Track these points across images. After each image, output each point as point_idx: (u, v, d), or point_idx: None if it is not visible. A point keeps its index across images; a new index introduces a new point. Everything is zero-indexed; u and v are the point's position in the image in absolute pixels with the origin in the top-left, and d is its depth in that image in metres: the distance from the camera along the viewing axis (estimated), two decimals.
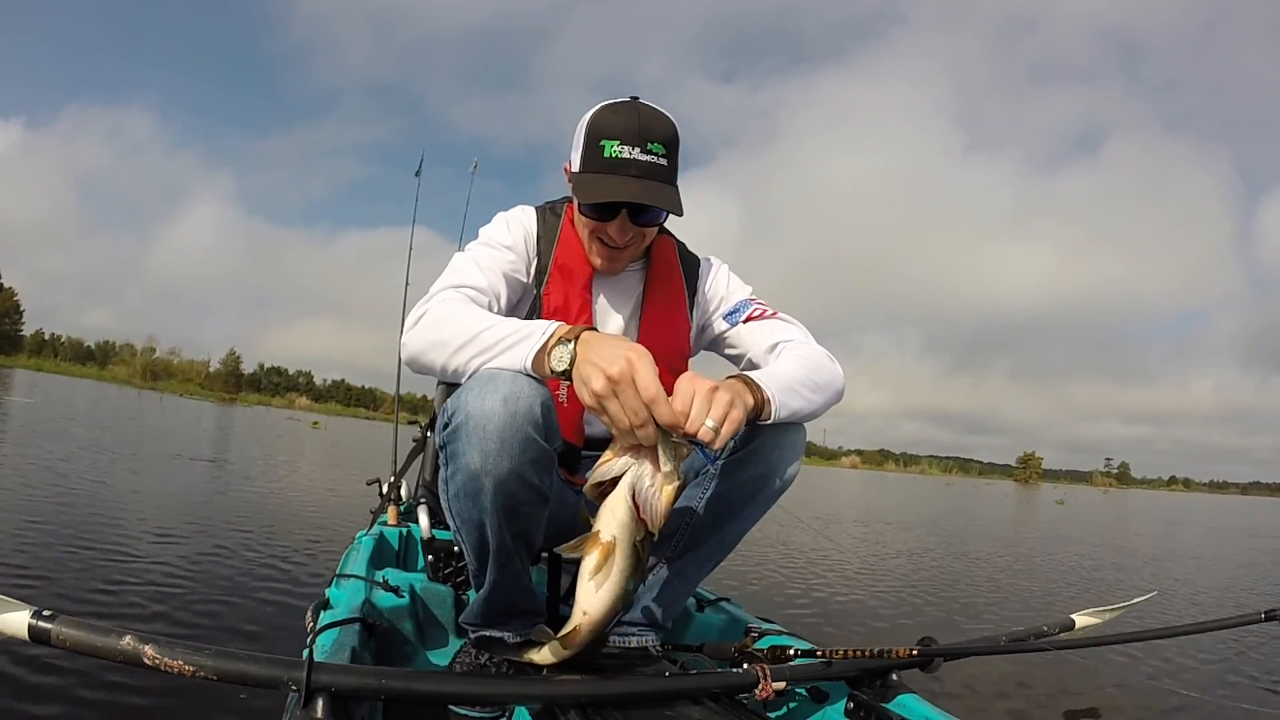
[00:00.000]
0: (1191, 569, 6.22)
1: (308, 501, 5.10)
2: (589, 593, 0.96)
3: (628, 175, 1.16)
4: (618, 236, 1.22)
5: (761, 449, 1.18)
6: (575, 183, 1.21)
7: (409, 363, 1.11)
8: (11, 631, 0.77)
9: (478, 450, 0.96)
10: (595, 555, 0.94)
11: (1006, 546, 6.95)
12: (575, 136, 1.23)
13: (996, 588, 4.28)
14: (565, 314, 1.26)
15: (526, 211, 1.34)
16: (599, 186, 1.16)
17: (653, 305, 1.34)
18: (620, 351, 0.90)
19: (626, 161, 1.15)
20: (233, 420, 18.98)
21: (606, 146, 1.16)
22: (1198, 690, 2.23)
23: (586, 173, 1.18)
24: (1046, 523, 11.75)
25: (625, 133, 1.15)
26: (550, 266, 1.28)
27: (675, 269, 1.38)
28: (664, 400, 0.89)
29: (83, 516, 3.34)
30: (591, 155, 1.17)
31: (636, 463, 0.93)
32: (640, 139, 1.16)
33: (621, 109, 1.18)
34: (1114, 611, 1.74)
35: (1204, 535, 11.00)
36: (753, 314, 1.36)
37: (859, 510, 10.38)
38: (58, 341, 63.41)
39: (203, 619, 2.08)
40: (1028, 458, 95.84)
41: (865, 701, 1.14)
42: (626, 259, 1.30)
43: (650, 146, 1.16)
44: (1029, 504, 19.14)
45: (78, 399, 17.07)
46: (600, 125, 1.17)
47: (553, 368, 0.95)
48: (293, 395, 68.00)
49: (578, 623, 0.98)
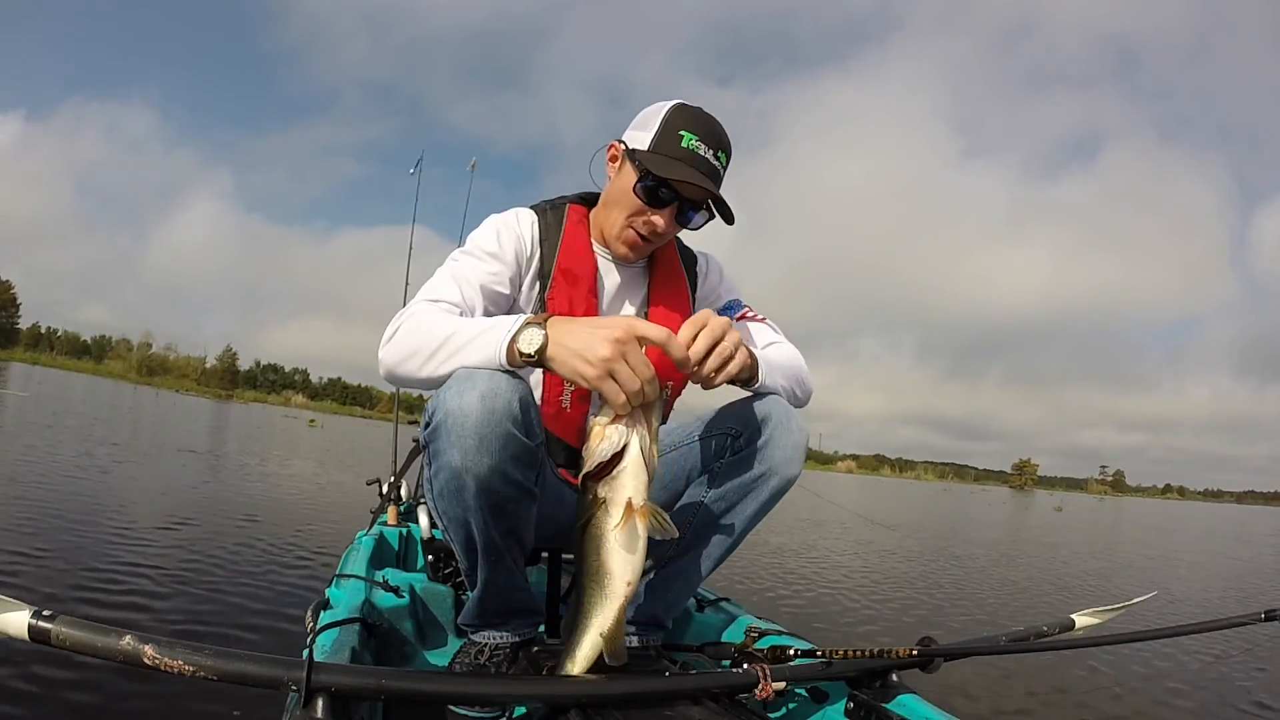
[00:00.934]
0: (1195, 572, 6.22)
1: (308, 501, 5.09)
2: (628, 561, 0.96)
3: (699, 169, 1.19)
4: (662, 226, 1.24)
5: (764, 449, 1.19)
6: (647, 159, 1.20)
7: (387, 377, 1.11)
8: (11, 631, 0.77)
9: (457, 448, 0.96)
10: (634, 521, 0.94)
11: (1009, 552, 6.95)
12: (643, 118, 1.24)
13: (1010, 592, 4.29)
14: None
15: (523, 215, 1.31)
16: (673, 167, 1.18)
17: (658, 303, 1.35)
18: (605, 319, 0.95)
19: (700, 158, 1.19)
20: (229, 417, 18.97)
21: (685, 137, 1.19)
22: (1198, 690, 2.22)
23: (659, 154, 1.20)
24: (1048, 529, 11.74)
25: (705, 133, 1.20)
26: (554, 270, 1.27)
27: (677, 265, 1.40)
28: (674, 336, 0.96)
29: (80, 515, 3.33)
30: (668, 141, 1.20)
31: (634, 427, 0.95)
32: (715, 143, 1.21)
33: (700, 112, 1.23)
34: (1114, 611, 1.73)
35: (1206, 540, 11.01)
36: (745, 314, 1.39)
37: (859, 512, 10.38)
38: (54, 336, 63.43)
39: (203, 619, 2.08)
40: (1023, 464, 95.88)
41: (865, 701, 1.14)
42: (647, 251, 1.31)
43: (719, 154, 1.21)
44: (1027, 510, 19.16)
45: (73, 393, 17.06)
46: (680, 117, 1.21)
47: (521, 350, 0.95)
48: (289, 393, 68.02)
49: (624, 595, 0.97)
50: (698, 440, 1.27)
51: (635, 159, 1.21)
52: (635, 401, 0.93)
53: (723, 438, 1.23)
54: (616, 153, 1.27)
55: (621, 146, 1.25)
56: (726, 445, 1.23)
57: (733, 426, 1.22)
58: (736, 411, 1.23)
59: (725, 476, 1.22)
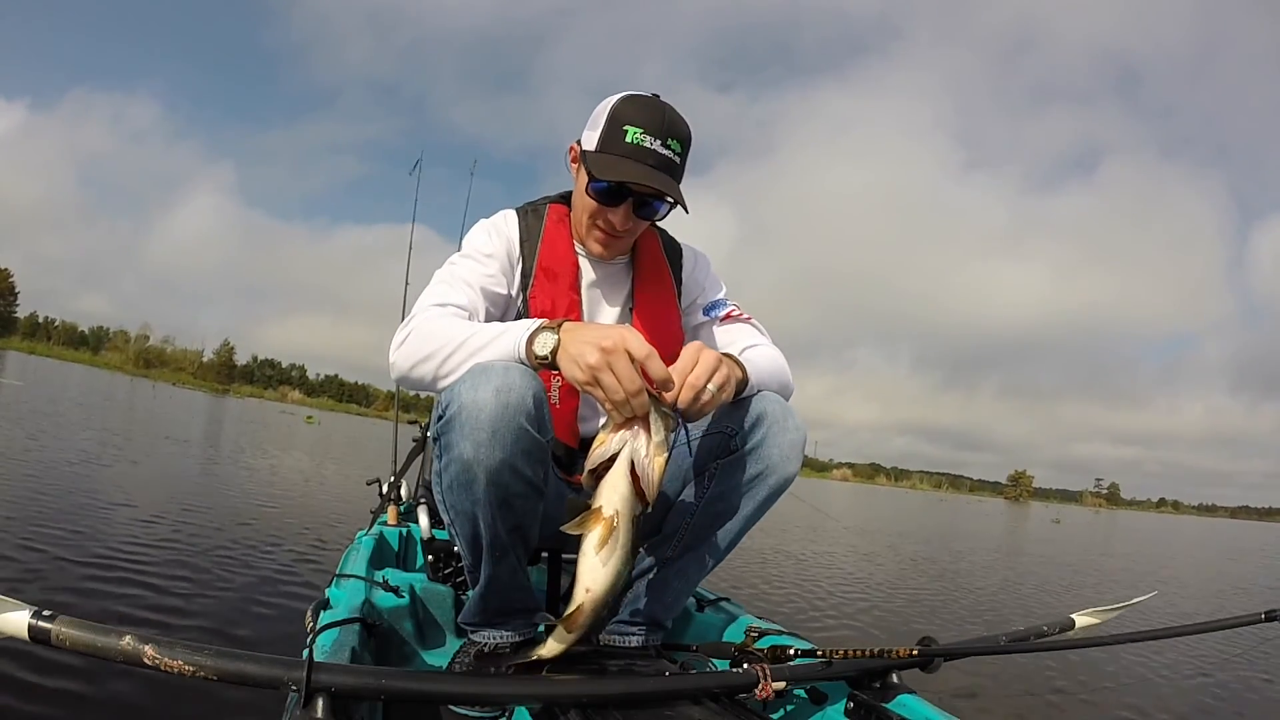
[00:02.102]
0: (1196, 575, 6.23)
1: (307, 501, 5.09)
2: (593, 569, 0.96)
3: (644, 163, 1.17)
4: (619, 224, 1.23)
5: (762, 448, 1.19)
6: (590, 160, 1.20)
7: (400, 381, 1.13)
8: (11, 631, 0.77)
9: (470, 441, 0.97)
10: (599, 529, 0.95)
11: (1018, 558, 6.95)
12: (594, 117, 1.23)
13: (1024, 591, 4.29)
14: (553, 315, 1.25)
15: (507, 216, 1.33)
16: (617, 167, 1.17)
17: (643, 298, 1.35)
18: (609, 328, 0.95)
19: (646, 150, 1.17)
20: (226, 412, 18.94)
21: (629, 132, 1.17)
22: (1198, 690, 2.23)
23: (604, 153, 1.19)
24: (1048, 541, 11.74)
25: (650, 123, 1.17)
26: (535, 269, 1.28)
27: (661, 260, 1.40)
28: (656, 357, 0.94)
29: (77, 512, 3.33)
30: (612, 137, 1.18)
31: (632, 436, 0.95)
32: (663, 133, 1.18)
33: (648, 102, 1.20)
34: (1114, 611, 1.73)
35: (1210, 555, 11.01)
36: (730, 313, 1.39)
37: (856, 521, 10.38)
38: (52, 325, 63.27)
39: (203, 618, 2.08)
40: (1019, 476, 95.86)
41: (865, 701, 1.14)
42: (622, 246, 1.31)
43: (669, 142, 1.19)
44: (1026, 522, 19.19)
45: (69, 384, 17.03)
46: (625, 111, 1.19)
47: (536, 353, 0.99)
48: (285, 388, 67.95)
49: (580, 601, 0.98)
50: (695, 440, 1.27)
51: (585, 158, 1.22)
52: (623, 412, 0.94)
53: (720, 437, 1.23)
54: (574, 152, 1.27)
55: (578, 147, 1.26)
56: (724, 445, 1.23)
57: (730, 426, 1.22)
58: (733, 411, 1.23)
59: (723, 476, 1.22)
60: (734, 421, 1.22)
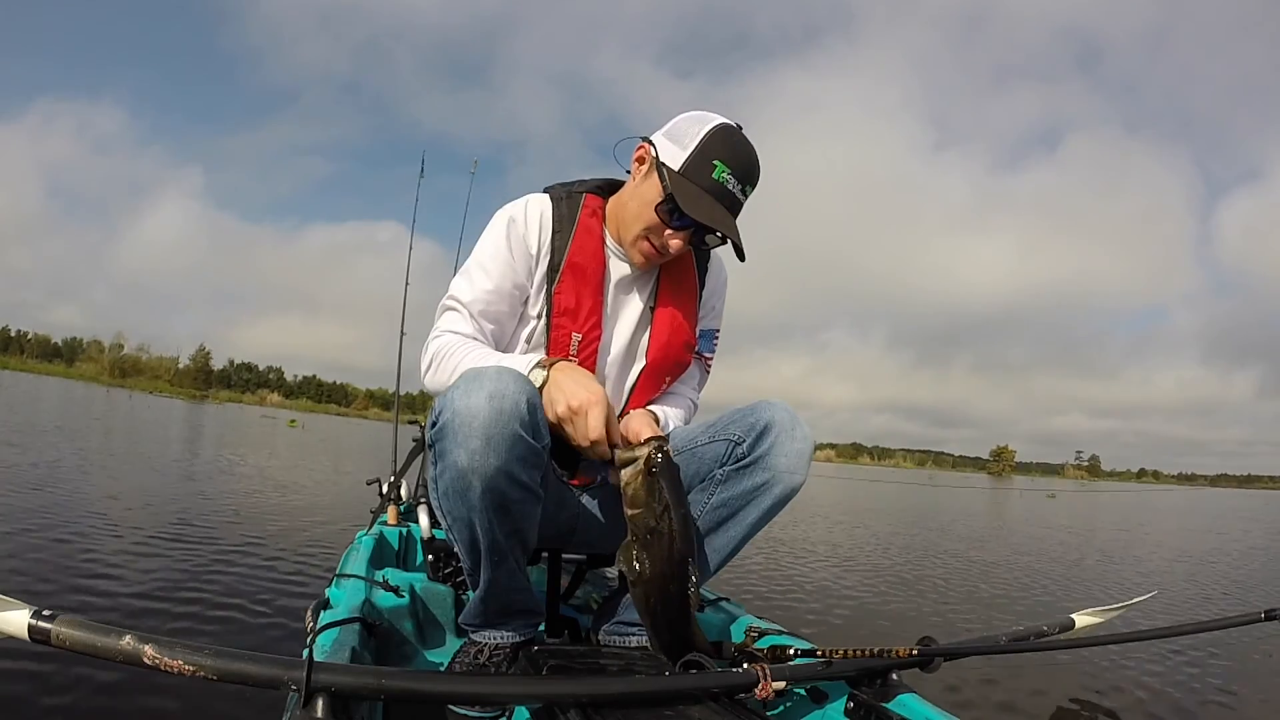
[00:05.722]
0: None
1: (305, 502, 5.09)
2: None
3: (723, 204, 1.17)
4: (675, 250, 1.23)
5: (768, 457, 1.18)
6: (673, 182, 1.17)
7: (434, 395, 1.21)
8: (11, 631, 0.77)
9: (464, 448, 0.97)
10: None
11: (1022, 553, 6.94)
12: (682, 132, 1.19)
13: (1055, 571, 4.29)
14: (574, 316, 1.25)
15: (536, 204, 1.29)
16: (698, 202, 1.16)
17: (665, 302, 1.34)
18: (581, 390, 1.05)
19: (727, 193, 1.17)
20: (207, 419, 18.88)
21: (718, 168, 1.16)
22: (1198, 690, 2.22)
23: (689, 180, 1.17)
24: (1052, 518, 11.70)
25: (738, 166, 1.17)
26: (564, 264, 1.26)
27: (690, 266, 1.38)
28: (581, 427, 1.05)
29: (73, 517, 3.33)
30: (699, 168, 1.17)
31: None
32: (746, 178, 1.19)
33: (740, 141, 1.19)
34: (1114, 611, 1.74)
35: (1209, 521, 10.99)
36: (705, 355, 1.45)
37: (855, 509, 10.38)
38: (24, 338, 63.04)
39: (202, 618, 2.08)
40: (1001, 450, 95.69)
41: (865, 701, 1.14)
42: (660, 263, 1.30)
43: (746, 189, 1.20)
44: (1019, 499, 19.07)
45: (44, 397, 16.95)
46: (716, 146, 1.17)
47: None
48: (264, 392, 67.92)
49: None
50: (701, 446, 1.27)
51: (664, 175, 1.18)
52: (590, 455, 1.08)
53: (726, 444, 1.23)
54: (646, 156, 1.22)
55: (652, 152, 1.21)
56: (729, 452, 1.22)
57: (736, 433, 1.22)
58: (740, 418, 1.23)
59: (728, 483, 1.22)
60: (740, 429, 1.21)
